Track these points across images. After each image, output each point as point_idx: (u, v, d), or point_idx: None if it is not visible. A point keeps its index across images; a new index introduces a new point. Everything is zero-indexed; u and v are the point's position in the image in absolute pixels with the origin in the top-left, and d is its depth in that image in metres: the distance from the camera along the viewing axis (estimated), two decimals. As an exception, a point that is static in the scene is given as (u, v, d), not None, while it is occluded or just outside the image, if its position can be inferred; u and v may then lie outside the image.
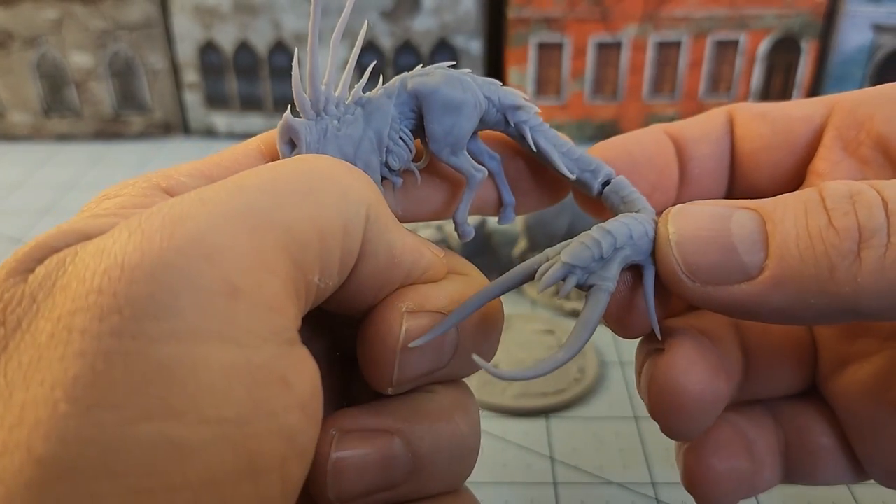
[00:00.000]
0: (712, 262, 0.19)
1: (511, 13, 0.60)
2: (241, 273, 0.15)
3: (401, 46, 0.62)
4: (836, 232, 0.18)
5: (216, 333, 0.15)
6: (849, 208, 0.18)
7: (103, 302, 0.14)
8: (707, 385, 0.21)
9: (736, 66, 0.62)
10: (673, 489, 0.31)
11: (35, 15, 0.61)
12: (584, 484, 0.31)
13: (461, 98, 0.21)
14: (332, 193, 0.17)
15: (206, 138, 0.67)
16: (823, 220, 0.18)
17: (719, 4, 0.59)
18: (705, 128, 0.25)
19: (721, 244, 0.19)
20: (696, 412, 0.21)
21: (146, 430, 0.14)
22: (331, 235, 0.17)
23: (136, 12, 0.61)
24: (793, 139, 0.24)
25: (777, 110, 0.25)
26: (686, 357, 0.21)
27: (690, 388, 0.21)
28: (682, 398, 0.21)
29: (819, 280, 0.18)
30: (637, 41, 0.61)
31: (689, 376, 0.21)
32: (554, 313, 0.43)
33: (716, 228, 0.19)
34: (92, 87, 0.64)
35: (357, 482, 0.19)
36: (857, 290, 0.18)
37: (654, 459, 0.33)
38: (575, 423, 0.35)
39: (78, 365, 0.14)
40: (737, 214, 0.20)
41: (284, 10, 0.61)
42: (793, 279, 0.18)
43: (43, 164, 0.62)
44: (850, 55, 0.61)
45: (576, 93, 0.63)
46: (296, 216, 0.16)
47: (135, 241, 0.15)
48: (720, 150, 0.25)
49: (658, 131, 0.25)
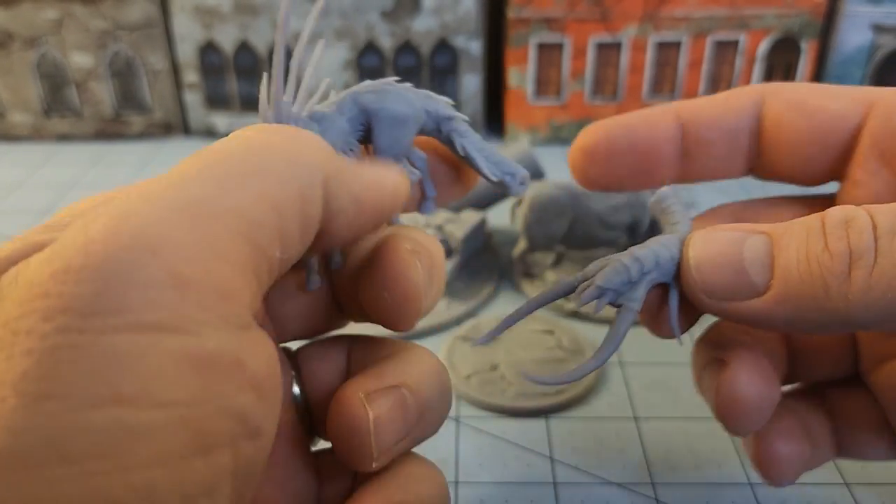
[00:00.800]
0: (726, 282, 0.22)
1: (511, 13, 0.60)
2: (187, 263, 0.15)
3: (401, 47, 0.62)
4: (831, 255, 0.21)
5: (166, 324, 0.15)
6: (843, 233, 0.21)
7: (50, 304, 0.14)
8: (765, 393, 0.24)
9: (736, 66, 0.62)
10: (672, 489, 0.31)
11: (35, 15, 0.62)
12: (584, 484, 0.32)
13: (405, 113, 0.24)
14: (281, 164, 0.18)
15: (206, 138, 0.67)
16: (820, 245, 0.21)
17: (719, 4, 0.60)
18: (723, 112, 0.27)
19: (734, 267, 0.22)
20: (756, 416, 0.24)
21: (97, 416, 0.14)
22: (287, 207, 0.17)
23: (136, 12, 0.62)
24: (828, 137, 0.26)
25: (813, 101, 0.26)
26: (746, 372, 0.24)
27: (752, 398, 0.24)
28: (745, 406, 0.24)
29: (816, 298, 0.21)
30: (637, 41, 0.61)
31: (749, 388, 0.24)
32: (554, 313, 0.43)
33: (730, 252, 0.22)
34: (92, 87, 0.64)
35: (391, 433, 0.21)
36: (848, 306, 0.20)
37: (654, 459, 0.33)
38: (575, 424, 0.35)
39: (25, 362, 0.14)
40: (750, 240, 0.22)
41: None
42: (794, 297, 0.21)
43: (43, 165, 0.62)
44: (849, 55, 0.61)
45: (576, 93, 0.63)
46: (245, 197, 0.17)
47: (79, 242, 0.15)
48: (735, 136, 0.27)
49: (669, 113, 0.27)
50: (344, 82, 0.64)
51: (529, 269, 0.46)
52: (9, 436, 0.14)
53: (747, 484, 0.31)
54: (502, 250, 0.49)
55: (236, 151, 0.18)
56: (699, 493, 0.31)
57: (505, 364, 0.37)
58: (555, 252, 0.47)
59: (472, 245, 0.46)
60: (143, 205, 0.16)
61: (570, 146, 0.28)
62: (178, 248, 0.15)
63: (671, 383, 0.37)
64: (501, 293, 0.45)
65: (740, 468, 0.32)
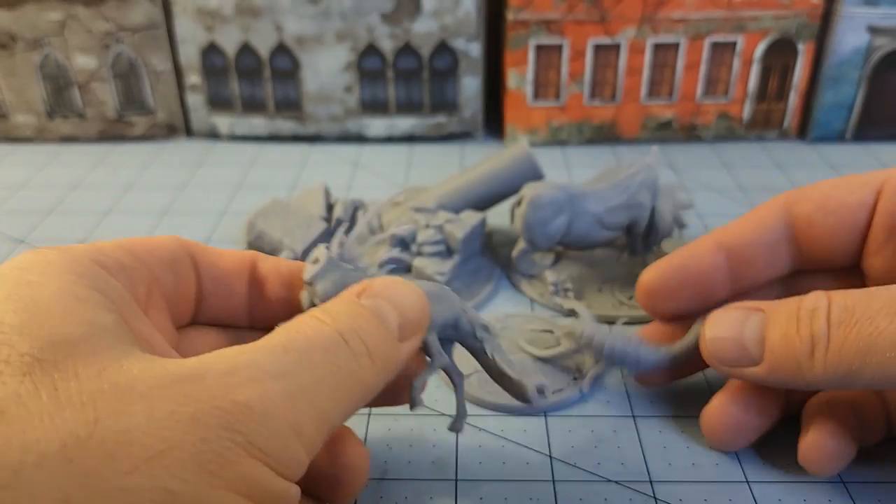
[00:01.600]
0: (732, 354, 0.30)
1: (510, 16, 0.60)
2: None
3: (401, 48, 0.63)
4: (800, 339, 0.27)
5: None
6: (808, 320, 0.27)
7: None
8: (840, 450, 0.30)
9: (733, 67, 0.63)
10: (670, 486, 0.31)
11: (38, 17, 0.62)
12: (583, 482, 0.32)
13: (449, 320, 0.29)
14: (343, 379, 0.23)
15: (208, 139, 0.67)
16: (794, 329, 0.28)
17: (716, 7, 0.60)
18: (758, 231, 0.32)
19: (737, 344, 0.30)
20: (834, 467, 0.31)
21: None
22: (338, 415, 0.23)
23: (138, 14, 0.62)
24: (854, 227, 0.31)
25: (835, 198, 0.32)
26: (822, 438, 0.31)
27: (828, 456, 0.30)
28: (827, 462, 0.31)
29: (792, 371, 0.28)
30: (635, 43, 0.61)
31: (826, 450, 0.30)
32: (553, 313, 0.43)
33: (734, 331, 0.30)
34: (95, 88, 0.65)
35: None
36: (815, 378, 0.27)
37: (652, 457, 0.33)
38: (573, 422, 0.35)
39: None
40: (750, 319, 0.30)
41: (286, 13, 0.61)
42: (778, 369, 0.28)
43: (46, 165, 0.63)
44: (846, 57, 0.62)
45: (575, 94, 0.63)
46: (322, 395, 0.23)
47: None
48: (773, 248, 0.32)
49: (711, 245, 0.33)
50: (344, 85, 0.64)
51: (528, 268, 0.46)
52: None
53: (744, 482, 0.32)
54: (502, 250, 0.49)
55: (318, 346, 0.23)
56: (697, 490, 0.31)
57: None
58: (553, 252, 0.47)
59: (471, 245, 0.46)
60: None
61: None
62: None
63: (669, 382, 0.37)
64: (501, 293, 0.45)
65: (738, 466, 0.32)
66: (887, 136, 0.65)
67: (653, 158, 0.46)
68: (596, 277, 0.46)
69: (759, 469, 0.32)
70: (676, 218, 0.48)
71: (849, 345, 0.26)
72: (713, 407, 0.33)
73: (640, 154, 0.62)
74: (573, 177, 0.59)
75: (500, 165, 0.48)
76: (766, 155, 0.63)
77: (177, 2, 0.62)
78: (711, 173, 0.60)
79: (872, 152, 0.63)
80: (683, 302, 0.33)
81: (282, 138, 0.67)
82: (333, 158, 0.64)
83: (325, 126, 0.66)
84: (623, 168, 0.45)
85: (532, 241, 0.43)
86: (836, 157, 0.62)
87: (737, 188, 0.58)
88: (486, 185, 0.48)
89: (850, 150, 0.64)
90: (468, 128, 0.66)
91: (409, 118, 0.66)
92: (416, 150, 0.65)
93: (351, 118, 0.66)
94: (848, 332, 0.26)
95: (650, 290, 0.34)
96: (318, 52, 0.63)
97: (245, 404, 0.19)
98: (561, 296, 0.43)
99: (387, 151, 0.65)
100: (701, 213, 0.54)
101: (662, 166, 0.61)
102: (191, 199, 0.57)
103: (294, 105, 0.65)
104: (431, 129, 0.66)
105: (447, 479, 0.32)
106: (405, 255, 0.45)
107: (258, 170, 0.62)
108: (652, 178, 0.45)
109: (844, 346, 0.26)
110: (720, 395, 0.33)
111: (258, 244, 0.47)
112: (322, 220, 0.49)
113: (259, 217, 0.48)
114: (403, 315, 0.26)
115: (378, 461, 0.33)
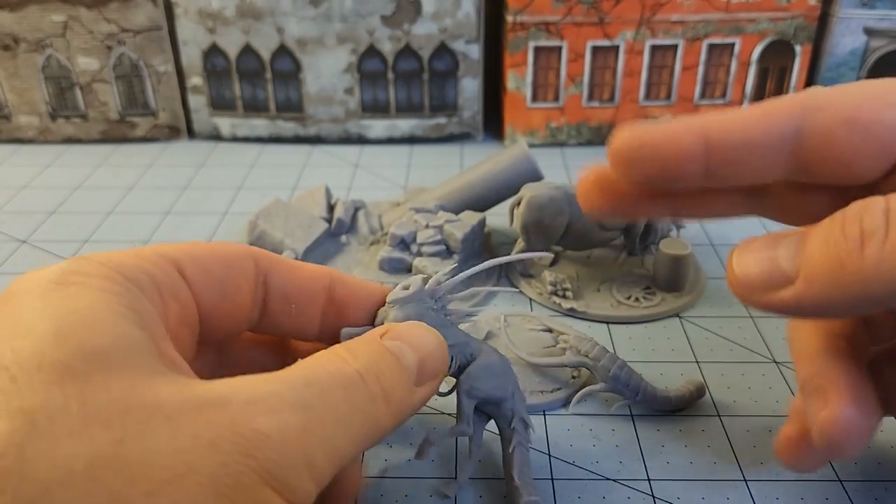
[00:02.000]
0: (761, 276, 0.25)
1: (509, 18, 0.61)
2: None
3: (401, 50, 0.63)
4: (845, 237, 0.23)
5: None
6: (858, 218, 0.23)
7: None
8: (861, 425, 0.26)
9: (730, 69, 0.63)
10: (668, 485, 0.32)
11: (41, 19, 0.62)
12: (581, 480, 0.32)
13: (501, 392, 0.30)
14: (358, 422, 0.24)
15: (210, 140, 0.68)
16: (838, 230, 0.23)
17: (714, 9, 0.60)
18: (756, 133, 0.26)
19: (769, 261, 0.25)
20: (856, 447, 0.27)
21: None
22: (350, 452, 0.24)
23: (140, 16, 0.62)
24: (884, 148, 0.25)
25: (868, 113, 0.25)
26: (845, 413, 0.26)
27: (851, 435, 0.26)
28: (845, 444, 0.26)
29: (833, 275, 0.23)
30: (633, 45, 0.62)
31: (849, 425, 0.26)
32: (552, 312, 0.44)
33: (766, 248, 0.25)
34: (97, 90, 0.65)
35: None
36: (863, 279, 0.22)
37: (650, 455, 0.33)
38: (571, 420, 0.35)
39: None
40: (786, 238, 0.25)
41: (287, 15, 0.61)
42: (817, 279, 0.23)
43: (49, 166, 0.63)
44: (842, 58, 0.62)
45: (573, 96, 0.64)
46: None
47: None
48: (769, 156, 0.26)
49: (695, 131, 0.27)
50: (344, 87, 0.65)
51: (527, 269, 0.46)
52: None
53: (742, 480, 0.32)
54: (501, 250, 0.49)
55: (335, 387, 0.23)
56: (695, 488, 0.32)
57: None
58: (552, 252, 0.48)
59: (471, 245, 0.46)
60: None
61: (609, 144, 0.28)
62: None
63: (666, 380, 0.37)
64: (500, 293, 0.46)
65: (735, 465, 0.33)
66: (884, 137, 0.65)
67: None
68: (594, 277, 0.46)
69: (756, 468, 0.33)
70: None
71: None
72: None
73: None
74: (572, 177, 0.60)
75: (500, 166, 0.49)
76: (763, 156, 0.63)
77: (179, 4, 0.62)
78: (709, 174, 0.60)
79: (869, 153, 0.64)
80: (649, 176, 0.28)
81: (283, 139, 0.67)
82: (334, 159, 0.64)
83: (326, 127, 0.67)
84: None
85: (531, 242, 0.44)
86: (833, 158, 0.63)
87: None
88: (485, 186, 0.49)
89: (847, 150, 0.64)
90: (468, 129, 0.67)
91: (409, 119, 0.66)
92: (417, 151, 0.66)
93: (352, 119, 0.66)
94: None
95: (618, 156, 0.28)
96: (319, 54, 0.63)
97: (264, 433, 0.20)
98: (559, 296, 0.44)
99: (387, 152, 0.65)
100: (699, 213, 0.54)
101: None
102: (193, 200, 0.57)
103: (295, 106, 0.66)
104: (431, 130, 0.67)
105: (447, 477, 0.32)
106: (405, 255, 0.46)
107: (260, 170, 0.62)
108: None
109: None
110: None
111: (259, 244, 0.48)
112: (323, 220, 0.49)
113: (261, 217, 0.48)
114: (423, 360, 0.26)
115: (378, 459, 0.33)
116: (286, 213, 0.49)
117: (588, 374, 0.37)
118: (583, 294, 0.44)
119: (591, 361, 0.35)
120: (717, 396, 0.37)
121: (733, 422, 0.35)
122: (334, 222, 0.49)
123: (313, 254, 0.47)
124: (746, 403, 0.36)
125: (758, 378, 0.38)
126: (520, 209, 0.43)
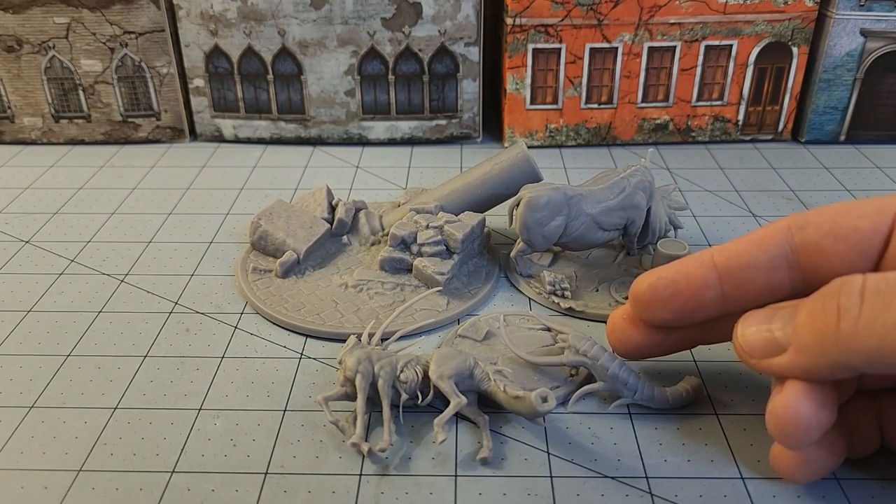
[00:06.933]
0: (760, 345, 0.29)
1: (509, 20, 0.61)
2: None
3: (402, 53, 0.63)
4: (824, 312, 0.26)
5: None
6: (836, 295, 0.26)
7: None
8: (811, 415, 0.28)
9: (728, 71, 0.63)
10: (665, 482, 0.32)
11: (44, 21, 0.63)
12: (580, 477, 0.32)
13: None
14: None
15: (212, 142, 0.68)
16: (819, 305, 0.27)
17: (711, 11, 0.61)
18: (758, 254, 0.31)
19: (765, 331, 0.29)
20: (803, 436, 0.29)
21: None
22: None
23: (143, 18, 0.63)
24: (864, 253, 0.30)
25: (844, 223, 0.30)
26: (794, 399, 0.29)
27: (800, 423, 0.29)
28: (792, 430, 0.29)
29: (816, 346, 0.27)
30: (631, 47, 0.62)
31: (798, 413, 0.28)
32: (551, 312, 0.44)
33: (764, 321, 0.29)
34: (100, 91, 0.66)
35: None
36: (840, 351, 0.26)
37: (648, 453, 0.34)
38: (570, 419, 0.36)
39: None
40: (781, 311, 0.29)
41: (289, 18, 0.62)
42: (804, 347, 0.27)
43: (52, 167, 0.63)
44: (839, 60, 0.63)
45: (572, 98, 0.64)
46: None
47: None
48: (773, 273, 0.31)
49: (706, 262, 0.32)
50: (345, 89, 0.65)
51: (527, 269, 0.47)
52: None
53: (739, 478, 0.32)
54: (500, 250, 0.50)
55: None
56: (692, 486, 0.32)
57: (502, 361, 0.38)
58: (551, 252, 0.48)
59: (471, 245, 0.47)
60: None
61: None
62: None
63: (664, 379, 0.38)
64: (499, 293, 0.46)
65: (732, 463, 0.33)
66: (880, 137, 0.66)
67: (648, 160, 0.47)
68: (593, 277, 0.46)
69: (754, 465, 0.33)
70: (671, 219, 0.49)
71: (889, 315, 0.25)
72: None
73: (635, 156, 0.63)
74: (570, 178, 0.60)
75: (499, 167, 0.49)
76: (760, 157, 0.64)
77: (181, 6, 0.62)
78: (706, 175, 0.61)
79: (865, 154, 0.64)
80: (672, 314, 0.33)
81: (285, 141, 0.68)
82: (335, 160, 0.65)
83: (328, 129, 0.67)
84: (619, 170, 0.46)
85: (530, 242, 0.44)
86: (830, 159, 0.63)
87: (731, 189, 0.58)
88: (485, 187, 0.49)
89: (844, 151, 0.65)
90: (468, 130, 0.67)
91: (409, 121, 0.66)
92: (417, 152, 0.66)
93: (353, 121, 0.67)
94: (890, 301, 0.25)
95: (640, 301, 0.34)
96: (320, 56, 0.63)
97: None
98: (558, 295, 0.44)
99: (388, 154, 0.66)
100: (695, 214, 0.54)
101: (658, 168, 0.62)
102: (195, 200, 0.58)
103: (297, 108, 0.66)
104: (431, 131, 0.67)
105: (447, 474, 0.33)
106: (406, 255, 0.46)
107: (261, 171, 0.63)
108: (647, 179, 0.45)
109: (883, 315, 0.25)
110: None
111: (261, 244, 0.48)
112: (324, 220, 0.49)
113: (263, 217, 0.49)
114: None
115: (379, 457, 0.33)
116: (288, 214, 0.49)
117: (587, 372, 0.37)
118: (581, 294, 0.45)
119: (590, 360, 0.36)
120: (715, 395, 0.37)
121: (731, 420, 0.35)
122: (335, 223, 0.50)
123: (315, 254, 0.48)
124: (744, 402, 0.37)
125: (755, 377, 0.38)
126: (519, 210, 0.44)
